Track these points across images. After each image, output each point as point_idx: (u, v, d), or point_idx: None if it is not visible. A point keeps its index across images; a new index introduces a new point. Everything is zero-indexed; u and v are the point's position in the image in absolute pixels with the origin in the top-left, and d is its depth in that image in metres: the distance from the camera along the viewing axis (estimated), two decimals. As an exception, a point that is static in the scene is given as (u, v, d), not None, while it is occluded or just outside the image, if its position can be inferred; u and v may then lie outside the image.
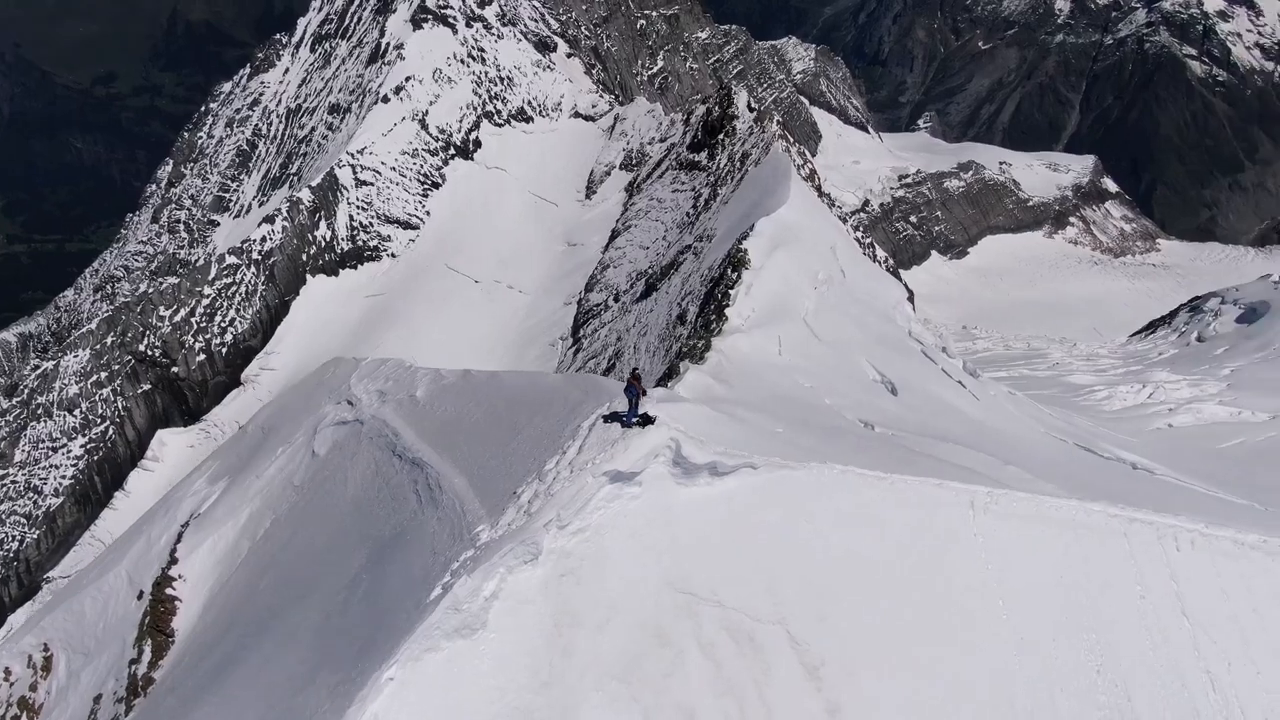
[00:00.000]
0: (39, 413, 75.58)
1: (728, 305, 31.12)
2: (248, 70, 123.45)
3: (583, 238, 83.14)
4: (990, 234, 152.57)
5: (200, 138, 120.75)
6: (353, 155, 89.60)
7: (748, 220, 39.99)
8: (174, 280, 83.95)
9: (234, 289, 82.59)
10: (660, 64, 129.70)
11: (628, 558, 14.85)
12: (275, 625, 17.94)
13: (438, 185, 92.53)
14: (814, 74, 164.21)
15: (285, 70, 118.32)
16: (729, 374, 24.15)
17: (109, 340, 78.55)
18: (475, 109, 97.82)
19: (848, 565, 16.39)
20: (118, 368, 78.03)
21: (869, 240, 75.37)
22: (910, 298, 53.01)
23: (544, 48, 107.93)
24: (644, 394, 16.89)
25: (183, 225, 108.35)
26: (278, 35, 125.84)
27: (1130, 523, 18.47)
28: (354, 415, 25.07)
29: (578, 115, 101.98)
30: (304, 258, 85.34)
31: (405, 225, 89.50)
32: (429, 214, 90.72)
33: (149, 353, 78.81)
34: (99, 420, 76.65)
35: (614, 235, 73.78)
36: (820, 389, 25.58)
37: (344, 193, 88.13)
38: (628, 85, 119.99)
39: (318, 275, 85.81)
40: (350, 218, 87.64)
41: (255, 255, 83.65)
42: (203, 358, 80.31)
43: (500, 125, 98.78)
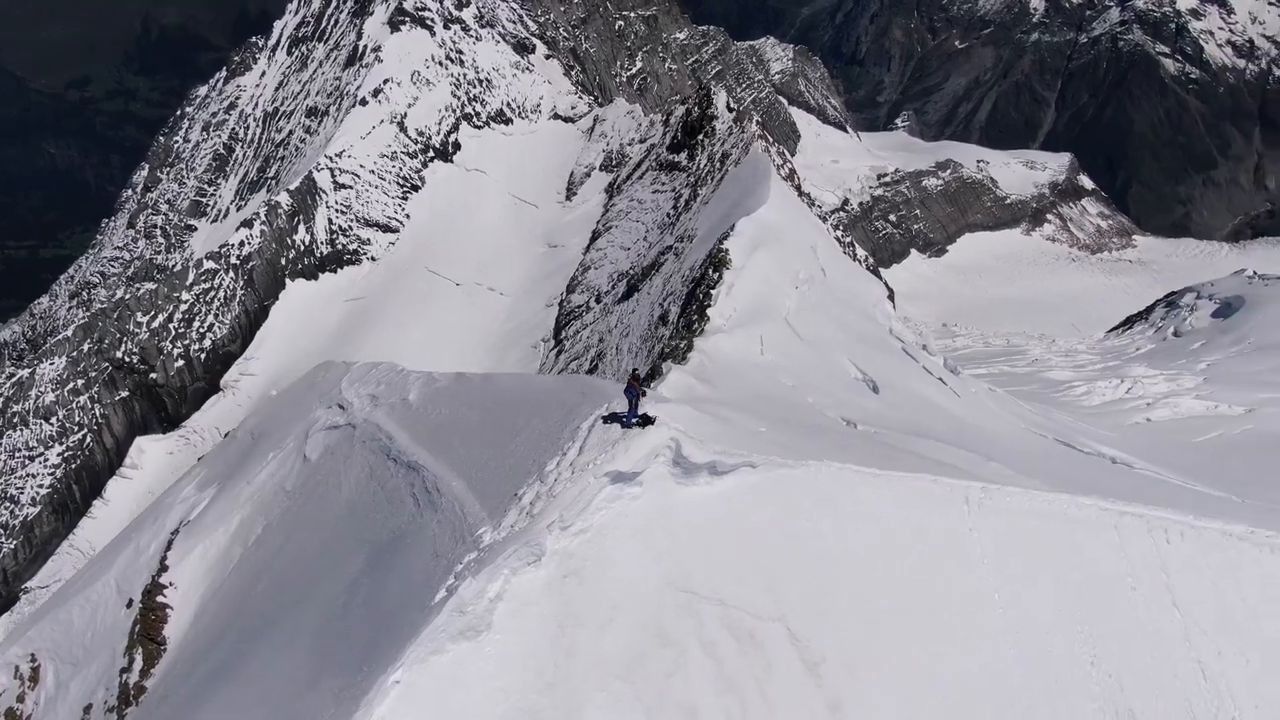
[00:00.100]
0: (15, 421, 74.74)
1: (709, 305, 31.20)
2: (223, 74, 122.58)
3: (563, 239, 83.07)
4: (969, 232, 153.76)
5: (176, 142, 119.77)
6: (331, 158, 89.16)
7: (728, 220, 40.07)
8: (151, 286, 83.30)
9: (212, 294, 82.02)
10: (639, 65, 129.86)
11: (629, 558, 14.93)
12: (272, 630, 17.87)
13: (417, 188, 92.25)
14: (792, 74, 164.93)
15: (262, 73, 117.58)
16: (711, 374, 24.22)
17: (86, 347, 77.80)
18: (454, 111, 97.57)
19: (845, 561, 16.53)
20: (95, 375, 77.29)
21: (849, 239, 75.78)
22: (890, 296, 53.31)
23: (522, 49, 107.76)
24: (644, 394, 16.97)
25: (159, 230, 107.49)
26: (254, 38, 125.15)
27: (1121, 516, 18.72)
28: (346, 419, 24.94)
29: (557, 117, 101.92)
30: (283, 262, 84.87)
31: (385, 228, 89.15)
32: (409, 217, 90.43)
33: (127, 359, 78.11)
34: (76, 428, 75.88)
35: (595, 236, 73.78)
36: (802, 388, 25.71)
37: (323, 196, 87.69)
38: (607, 86, 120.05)
39: (297, 279, 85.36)
40: (329, 221, 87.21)
41: (233, 260, 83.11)
42: (181, 364, 79.71)
43: (479, 127, 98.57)
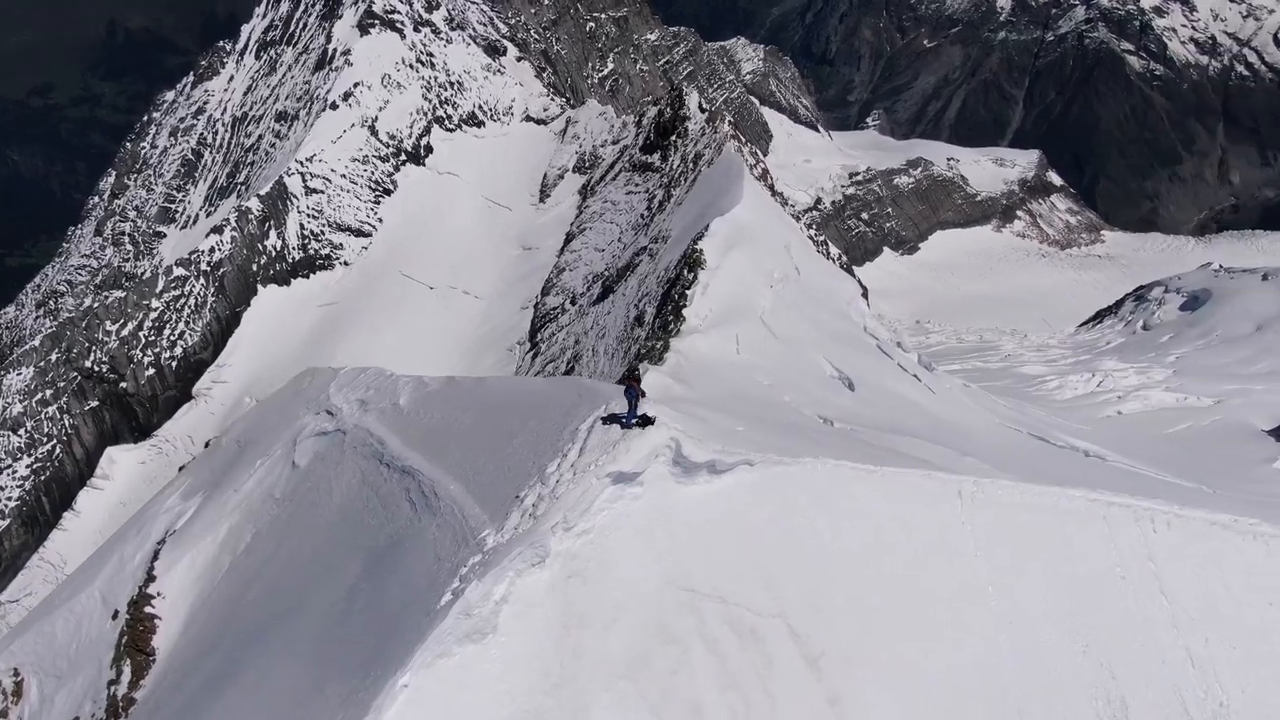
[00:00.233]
0: (-16, 433, 73.69)
1: (685, 306, 31.27)
2: (191, 78, 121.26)
3: (537, 241, 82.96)
4: (940, 229, 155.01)
5: (143, 148, 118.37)
6: (302, 163, 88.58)
7: (702, 220, 40.12)
8: (120, 294, 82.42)
9: (182, 301, 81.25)
10: (610, 66, 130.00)
11: (631, 557, 15.03)
12: (268, 638, 17.74)
13: (389, 192, 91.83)
14: (763, 74, 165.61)
15: (230, 78, 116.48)
16: (688, 374, 24.31)
17: (54, 357, 76.82)
18: (425, 114, 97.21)
19: (841, 558, 16.71)
20: (63, 385, 76.32)
21: (822, 238, 75.97)
22: (864, 294, 53.61)
23: (494, 52, 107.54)
24: (643, 395, 17.03)
25: (127, 238, 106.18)
26: (221, 42, 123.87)
27: (1109, 506, 19.03)
28: (335, 425, 24.74)
29: (529, 119, 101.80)
30: (254, 268, 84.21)
31: (357, 233, 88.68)
32: (381, 221, 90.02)
33: (96, 368, 77.21)
34: (45, 439, 74.89)
35: (569, 238, 73.70)
36: (779, 386, 25.84)
37: (294, 201, 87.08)
38: (578, 88, 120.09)
39: (269, 285, 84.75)
40: (301, 226, 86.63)
41: (204, 266, 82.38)
42: (152, 372, 78.90)
43: (451, 130, 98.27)
